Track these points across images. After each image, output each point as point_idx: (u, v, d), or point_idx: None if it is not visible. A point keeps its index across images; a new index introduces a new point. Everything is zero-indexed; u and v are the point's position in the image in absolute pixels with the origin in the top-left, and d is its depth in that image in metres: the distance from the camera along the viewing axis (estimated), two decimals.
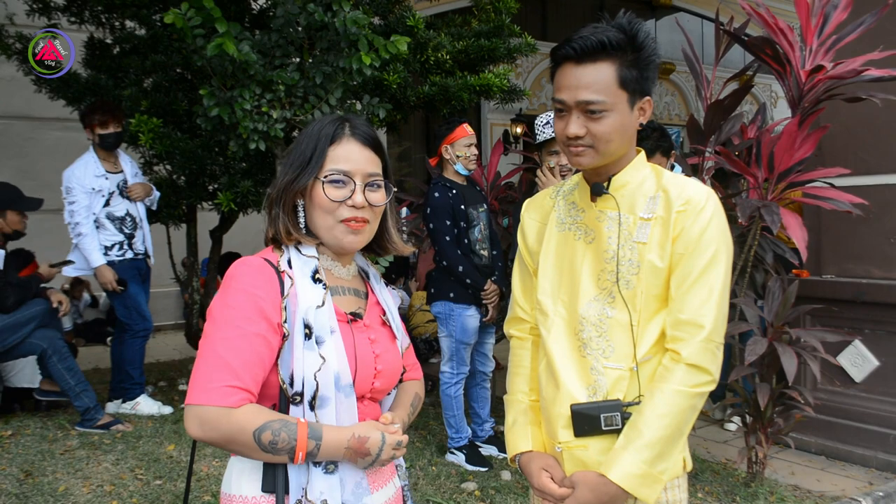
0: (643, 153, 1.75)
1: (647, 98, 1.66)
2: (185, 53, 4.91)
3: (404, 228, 8.25)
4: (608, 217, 1.69)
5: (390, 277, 7.71)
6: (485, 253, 4.39)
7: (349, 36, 4.13)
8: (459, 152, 4.33)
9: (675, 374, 1.58)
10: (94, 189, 4.94)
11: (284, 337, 1.43)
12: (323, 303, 1.47)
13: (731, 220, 4.47)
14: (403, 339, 1.69)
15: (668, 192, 1.66)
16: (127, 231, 5.09)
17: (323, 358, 1.43)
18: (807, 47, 3.91)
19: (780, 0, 7.85)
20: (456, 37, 5.86)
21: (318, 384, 1.42)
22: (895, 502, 3.98)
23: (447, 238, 4.27)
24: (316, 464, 1.42)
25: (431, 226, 4.32)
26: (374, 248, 1.67)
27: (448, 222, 4.27)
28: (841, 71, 3.71)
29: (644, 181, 1.70)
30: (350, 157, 1.52)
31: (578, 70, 1.59)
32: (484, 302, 4.30)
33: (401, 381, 1.70)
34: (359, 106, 4.79)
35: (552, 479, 1.69)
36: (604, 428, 1.62)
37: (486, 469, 4.27)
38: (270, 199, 1.55)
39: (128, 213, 5.10)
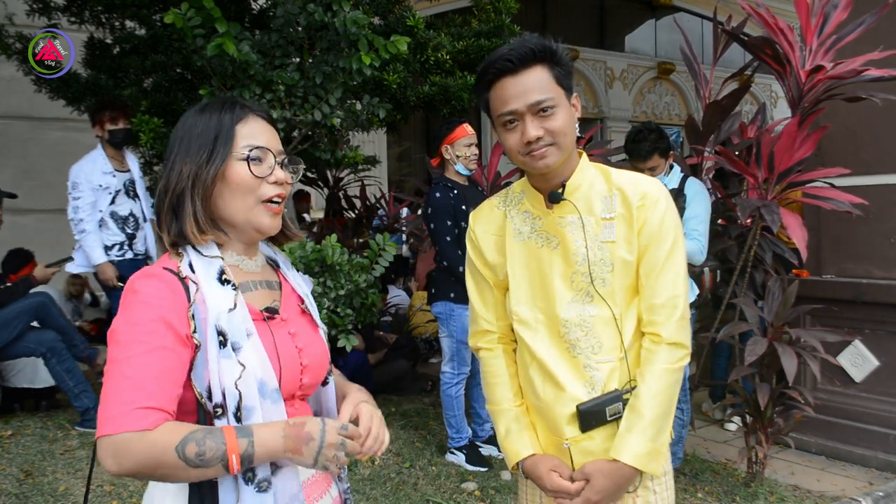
0: (585, 154, 1.84)
1: (576, 94, 1.77)
2: (185, 53, 4.90)
3: (403, 228, 8.26)
4: (569, 222, 1.77)
5: (390, 277, 7.70)
6: None
7: (349, 36, 4.13)
8: (459, 152, 4.33)
9: (660, 355, 1.72)
10: (101, 186, 4.91)
11: (197, 348, 1.31)
12: (235, 305, 1.35)
13: (731, 220, 4.51)
14: (323, 327, 1.60)
15: (624, 190, 1.76)
16: (129, 231, 5.07)
17: (242, 365, 1.32)
18: (807, 47, 3.91)
19: (780, 0, 7.85)
20: (456, 37, 5.86)
21: (240, 393, 1.31)
22: (895, 502, 3.98)
23: (448, 238, 4.27)
24: (247, 481, 1.30)
25: (432, 226, 4.32)
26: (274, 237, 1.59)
27: (449, 222, 4.27)
28: (841, 71, 3.71)
29: (594, 182, 1.80)
30: (263, 133, 1.45)
31: (518, 79, 1.68)
32: None
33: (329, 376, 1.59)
34: (359, 106, 4.79)
35: (562, 477, 1.77)
36: (608, 419, 1.73)
37: (486, 469, 4.27)
38: (174, 195, 1.40)
39: (131, 213, 5.08)
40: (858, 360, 4.62)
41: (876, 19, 3.96)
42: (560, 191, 1.76)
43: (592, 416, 1.73)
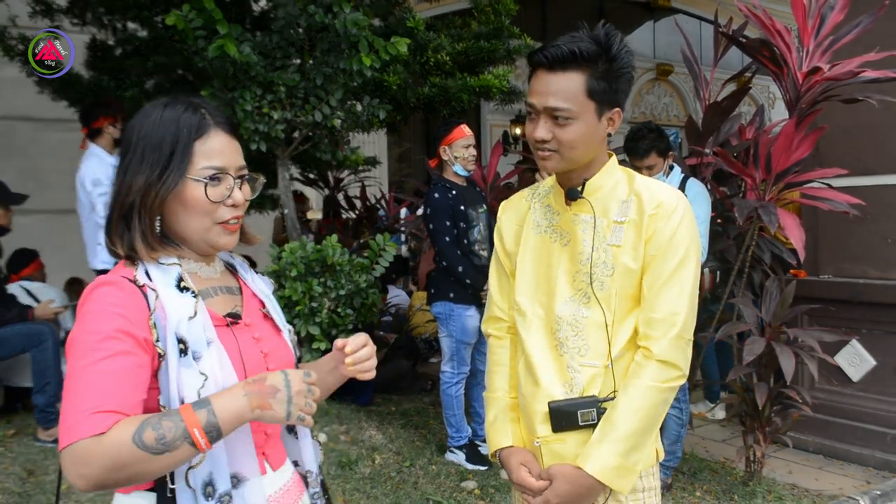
0: (615, 157, 1.80)
1: (617, 110, 1.69)
2: (186, 55, 4.92)
3: (403, 229, 8.28)
4: (583, 220, 1.74)
5: (390, 277, 7.72)
6: (484, 253, 4.40)
7: (349, 37, 4.15)
8: (457, 153, 4.34)
9: (648, 371, 1.65)
10: None
11: (161, 357, 1.25)
12: (195, 313, 1.29)
13: (729, 220, 4.54)
14: (287, 328, 1.54)
15: (641, 196, 1.71)
16: None
17: (204, 375, 1.26)
18: (804, 49, 3.93)
19: (778, 2, 7.87)
20: (456, 38, 5.88)
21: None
22: (892, 501, 4.00)
23: (447, 238, 4.28)
24: (207, 496, 1.25)
25: (431, 226, 4.34)
26: None
27: (448, 223, 4.28)
28: (838, 72, 3.73)
29: (617, 185, 1.75)
30: (224, 150, 1.36)
31: (549, 77, 1.64)
32: (483, 302, 4.31)
33: None
34: (359, 107, 4.81)
35: (530, 473, 1.75)
36: (580, 423, 1.69)
37: (485, 468, 4.28)
38: (120, 209, 1.33)
39: None
40: (856, 360, 4.64)
41: (872, 21, 3.98)
42: (579, 189, 1.74)
43: (563, 417, 1.70)
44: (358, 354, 1.45)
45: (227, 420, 1.19)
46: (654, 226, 1.67)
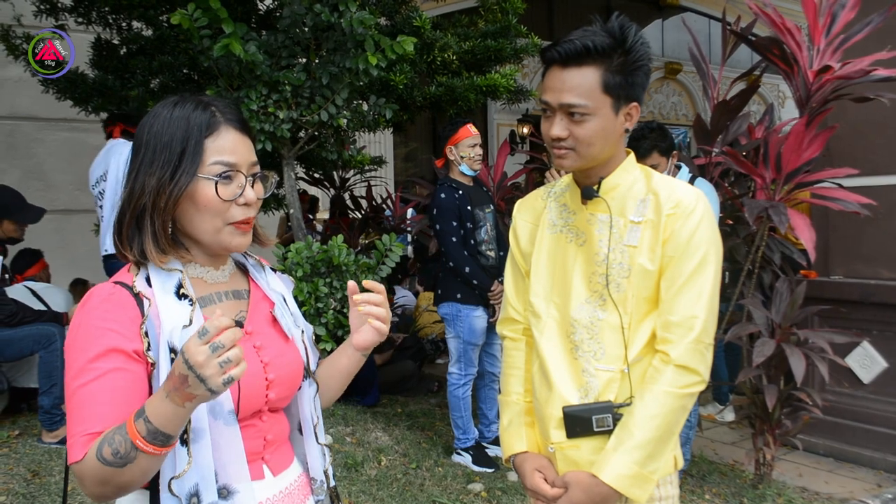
0: (633, 155, 1.76)
1: (635, 104, 1.66)
2: (191, 54, 4.91)
3: (409, 229, 8.25)
4: (599, 220, 1.70)
5: (396, 278, 7.70)
6: (491, 254, 4.38)
7: (356, 36, 4.13)
8: (464, 153, 4.32)
9: (665, 376, 1.61)
10: None
11: (152, 366, 1.23)
12: (190, 321, 1.25)
13: (739, 220, 4.49)
14: (302, 328, 1.51)
15: (658, 195, 1.67)
16: None
17: None
18: (814, 47, 3.90)
19: (788, 0, 7.82)
20: (462, 37, 5.86)
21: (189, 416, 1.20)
22: None
23: (453, 239, 4.26)
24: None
25: (438, 227, 4.32)
26: None
27: (454, 223, 4.27)
28: (849, 71, 3.70)
29: (634, 183, 1.71)
30: (236, 148, 1.32)
31: (563, 73, 1.61)
32: (491, 302, 4.30)
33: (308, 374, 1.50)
34: (365, 106, 4.79)
35: (545, 479, 1.72)
36: (595, 429, 1.65)
37: (492, 470, 4.26)
38: (133, 211, 1.30)
39: None
40: (867, 362, 4.59)
41: (884, 19, 3.95)
42: (595, 188, 1.70)
43: (577, 422, 1.66)
44: (368, 296, 1.48)
45: (165, 424, 1.11)
46: (671, 226, 1.63)
